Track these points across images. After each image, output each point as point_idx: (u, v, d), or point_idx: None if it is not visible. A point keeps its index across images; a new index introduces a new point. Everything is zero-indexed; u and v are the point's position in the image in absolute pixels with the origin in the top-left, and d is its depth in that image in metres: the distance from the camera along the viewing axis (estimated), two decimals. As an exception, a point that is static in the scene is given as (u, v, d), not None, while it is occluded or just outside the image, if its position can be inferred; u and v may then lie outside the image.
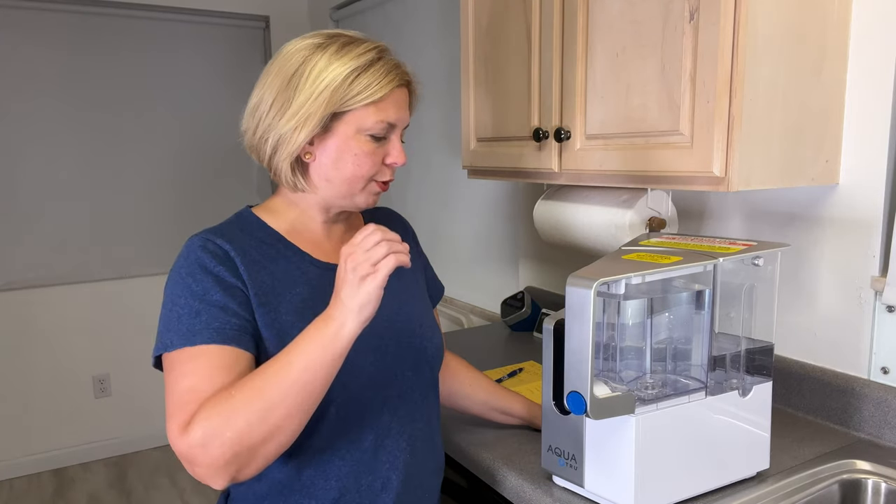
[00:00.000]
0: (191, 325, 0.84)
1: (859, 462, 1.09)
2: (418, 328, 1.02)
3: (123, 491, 2.99)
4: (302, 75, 0.90)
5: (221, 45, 3.35)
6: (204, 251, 0.89)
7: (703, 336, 0.98)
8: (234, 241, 0.92)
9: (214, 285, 0.87)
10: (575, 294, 0.84)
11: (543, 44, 1.32)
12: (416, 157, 2.63)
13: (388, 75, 0.92)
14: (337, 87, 0.89)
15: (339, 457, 0.93)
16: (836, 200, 1.21)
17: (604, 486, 0.94)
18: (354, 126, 0.92)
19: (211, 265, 0.88)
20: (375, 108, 0.92)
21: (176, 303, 0.86)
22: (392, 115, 0.93)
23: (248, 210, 1.00)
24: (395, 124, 0.94)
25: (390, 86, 0.92)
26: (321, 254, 0.99)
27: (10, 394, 3.09)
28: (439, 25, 2.41)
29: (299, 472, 0.93)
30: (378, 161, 0.95)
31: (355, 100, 0.90)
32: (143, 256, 3.28)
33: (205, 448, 0.76)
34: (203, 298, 0.86)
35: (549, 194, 1.50)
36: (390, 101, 0.93)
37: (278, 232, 0.97)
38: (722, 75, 1.00)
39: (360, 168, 0.93)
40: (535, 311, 1.90)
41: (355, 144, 0.92)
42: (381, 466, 0.96)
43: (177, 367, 0.83)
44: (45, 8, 2.96)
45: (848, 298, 1.21)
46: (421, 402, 1.02)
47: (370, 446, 0.95)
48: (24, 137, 2.99)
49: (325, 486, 0.93)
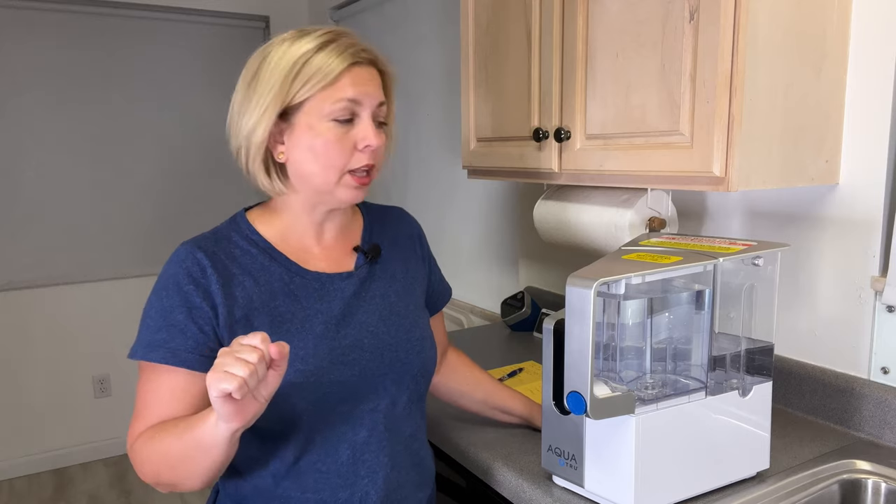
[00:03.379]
0: (151, 340, 0.88)
1: (859, 462, 1.09)
2: (405, 342, 0.99)
3: (123, 491, 2.99)
4: (259, 72, 0.89)
5: (221, 46, 3.35)
6: (181, 267, 0.89)
7: (703, 336, 0.98)
8: (217, 254, 0.91)
9: (180, 305, 0.88)
10: (575, 294, 0.84)
11: (543, 44, 1.32)
12: (416, 157, 2.63)
13: (340, 55, 0.88)
14: (286, 75, 0.87)
15: (315, 469, 0.92)
16: (836, 200, 1.21)
17: (604, 486, 0.94)
18: (315, 114, 0.88)
19: (183, 282, 0.88)
20: (332, 90, 0.87)
21: (148, 313, 0.90)
22: (350, 91, 0.88)
23: (243, 216, 0.98)
24: (358, 101, 0.89)
25: (343, 64, 0.87)
26: (309, 262, 0.97)
27: (10, 394, 3.09)
28: (439, 25, 2.41)
29: (276, 483, 0.92)
30: (349, 147, 0.90)
31: (309, 86, 0.87)
32: (143, 256, 3.28)
33: (137, 467, 0.88)
34: (167, 316, 0.88)
35: (549, 194, 1.50)
36: (347, 80, 0.88)
37: (267, 241, 0.95)
38: (722, 75, 1.00)
39: (330, 157, 0.89)
40: (535, 311, 1.90)
41: (320, 132, 0.88)
42: (360, 481, 0.94)
43: (142, 376, 0.90)
44: (46, 8, 2.96)
45: (848, 298, 1.21)
46: (404, 417, 0.99)
47: (347, 460, 0.93)
48: (23, 137, 2.99)
49: (302, 497, 0.92)
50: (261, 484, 0.93)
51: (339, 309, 0.95)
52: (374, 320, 0.97)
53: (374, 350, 0.95)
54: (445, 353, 1.21)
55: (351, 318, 0.95)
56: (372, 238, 1.05)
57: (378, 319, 0.97)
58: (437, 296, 1.15)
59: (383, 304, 0.99)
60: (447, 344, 1.22)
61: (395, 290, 1.02)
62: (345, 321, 0.94)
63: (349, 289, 0.97)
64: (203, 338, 0.88)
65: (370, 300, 0.98)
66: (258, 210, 0.99)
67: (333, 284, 0.96)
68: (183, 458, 0.82)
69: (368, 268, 1.01)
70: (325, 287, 0.95)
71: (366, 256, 1.01)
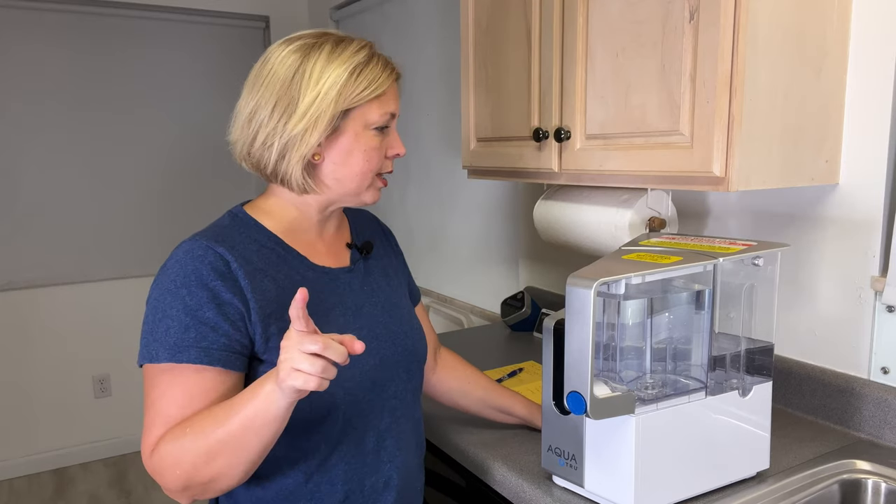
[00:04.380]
0: (178, 340, 0.84)
1: (859, 462, 1.09)
2: (409, 330, 1.04)
3: (123, 491, 2.99)
4: (303, 76, 0.89)
5: (221, 46, 3.35)
6: (202, 262, 0.87)
7: (703, 336, 0.98)
8: (236, 247, 0.90)
9: (209, 302, 0.85)
10: (575, 294, 0.84)
11: (543, 44, 1.32)
12: (416, 158, 2.63)
13: (385, 69, 0.95)
14: (343, 84, 0.90)
15: (344, 461, 0.94)
16: (836, 200, 1.21)
17: (604, 486, 0.94)
18: (362, 122, 0.93)
19: (209, 279, 0.86)
20: (379, 102, 0.94)
21: (167, 313, 0.85)
22: (394, 106, 0.96)
23: (243, 210, 0.98)
24: (396, 114, 0.97)
25: (390, 79, 0.95)
26: (316, 257, 0.99)
27: (11, 394, 3.09)
28: (439, 25, 2.41)
29: (307, 479, 0.93)
30: (383, 154, 0.97)
31: (361, 96, 0.91)
32: (143, 256, 3.28)
33: (162, 475, 0.82)
34: (195, 314, 0.84)
35: (549, 194, 1.50)
36: (391, 94, 0.96)
37: (276, 235, 0.96)
38: (722, 75, 1.00)
39: (370, 163, 0.95)
40: (535, 311, 1.90)
41: (364, 140, 0.94)
42: (384, 466, 0.98)
43: (158, 381, 0.85)
44: (46, 8, 2.96)
45: (848, 298, 1.21)
46: (412, 402, 1.04)
47: (372, 448, 0.97)
48: (23, 137, 2.99)
49: (332, 490, 0.93)
50: (289, 484, 0.92)
51: (351, 302, 0.98)
52: (379, 311, 1.01)
53: (387, 339, 1.00)
54: (439, 353, 1.22)
55: (361, 311, 0.99)
56: (360, 236, 1.09)
57: (382, 311, 1.02)
58: (412, 291, 1.19)
59: (384, 297, 1.04)
60: (438, 342, 1.23)
61: (390, 284, 1.07)
62: (358, 313, 0.98)
63: (355, 283, 1.01)
64: (236, 334, 0.86)
65: (373, 293, 1.02)
66: (257, 205, 0.99)
67: (340, 278, 0.99)
68: (227, 446, 0.78)
69: (364, 263, 1.05)
70: (333, 281, 0.98)
71: (360, 252, 1.05)
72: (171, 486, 0.82)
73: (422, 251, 2.66)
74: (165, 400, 0.84)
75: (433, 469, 1.35)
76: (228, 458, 0.79)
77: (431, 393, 1.21)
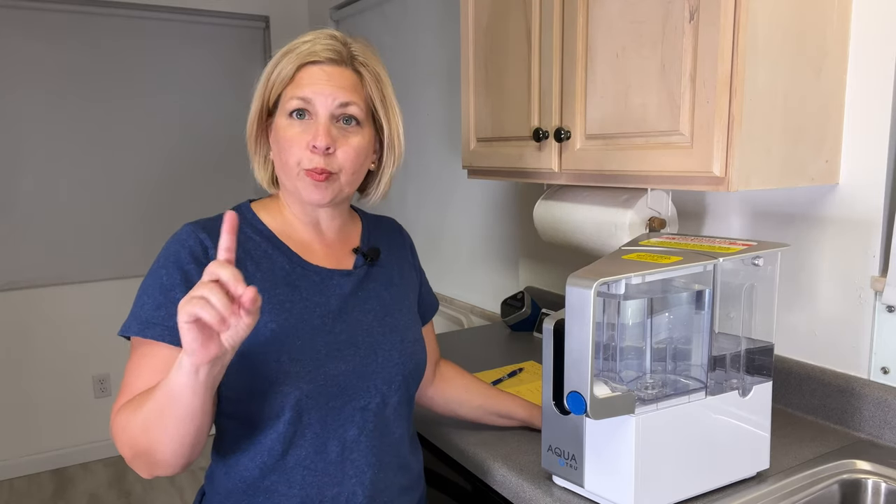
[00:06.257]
0: (149, 317, 0.87)
1: (859, 462, 1.09)
2: (398, 343, 0.99)
3: (123, 491, 2.99)
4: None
5: (221, 45, 3.35)
6: (183, 245, 0.90)
7: (703, 336, 0.98)
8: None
9: (181, 283, 0.88)
10: (575, 294, 0.84)
11: (543, 44, 1.32)
12: (416, 157, 2.63)
13: (300, 55, 0.90)
14: (269, 71, 0.92)
15: (303, 466, 0.91)
16: (836, 200, 1.21)
17: (604, 486, 0.94)
18: (281, 112, 0.93)
19: (185, 262, 0.89)
20: (292, 87, 0.91)
21: (146, 290, 0.89)
22: (307, 91, 0.89)
23: (247, 205, 1.00)
24: (307, 98, 0.90)
25: (299, 61, 0.90)
26: (310, 256, 0.98)
27: (11, 394, 3.09)
28: (439, 25, 2.41)
29: (262, 475, 0.91)
30: (303, 145, 0.90)
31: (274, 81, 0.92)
32: (143, 256, 3.28)
33: (117, 441, 0.85)
34: (168, 294, 0.88)
35: (549, 194, 1.50)
36: (304, 78, 0.90)
37: (271, 230, 0.97)
38: (722, 75, 1.00)
39: (286, 152, 0.91)
40: (535, 311, 1.90)
41: (282, 129, 0.92)
42: (348, 480, 0.93)
43: (133, 354, 0.89)
44: (46, 7, 2.96)
45: (848, 298, 1.21)
46: (394, 418, 0.98)
47: (336, 458, 0.92)
48: (24, 137, 2.99)
49: (288, 492, 0.91)
50: (248, 476, 0.92)
51: (336, 304, 0.96)
52: (369, 319, 0.98)
53: (368, 348, 0.96)
54: (438, 365, 1.21)
55: (347, 315, 0.96)
56: (370, 242, 1.07)
57: (373, 319, 0.98)
58: (426, 306, 1.15)
59: (379, 305, 1.00)
60: (439, 356, 1.22)
61: (391, 293, 1.03)
62: (341, 317, 0.95)
63: (347, 286, 0.98)
64: None
65: (366, 300, 0.99)
66: (263, 202, 1.01)
67: (332, 280, 0.97)
68: (155, 417, 0.79)
69: (367, 269, 1.02)
70: (324, 281, 0.96)
71: (365, 258, 1.02)
72: (124, 454, 0.85)
73: (422, 251, 2.66)
74: (132, 373, 0.88)
75: (433, 469, 1.35)
76: (156, 430, 0.79)
77: (429, 405, 1.20)
